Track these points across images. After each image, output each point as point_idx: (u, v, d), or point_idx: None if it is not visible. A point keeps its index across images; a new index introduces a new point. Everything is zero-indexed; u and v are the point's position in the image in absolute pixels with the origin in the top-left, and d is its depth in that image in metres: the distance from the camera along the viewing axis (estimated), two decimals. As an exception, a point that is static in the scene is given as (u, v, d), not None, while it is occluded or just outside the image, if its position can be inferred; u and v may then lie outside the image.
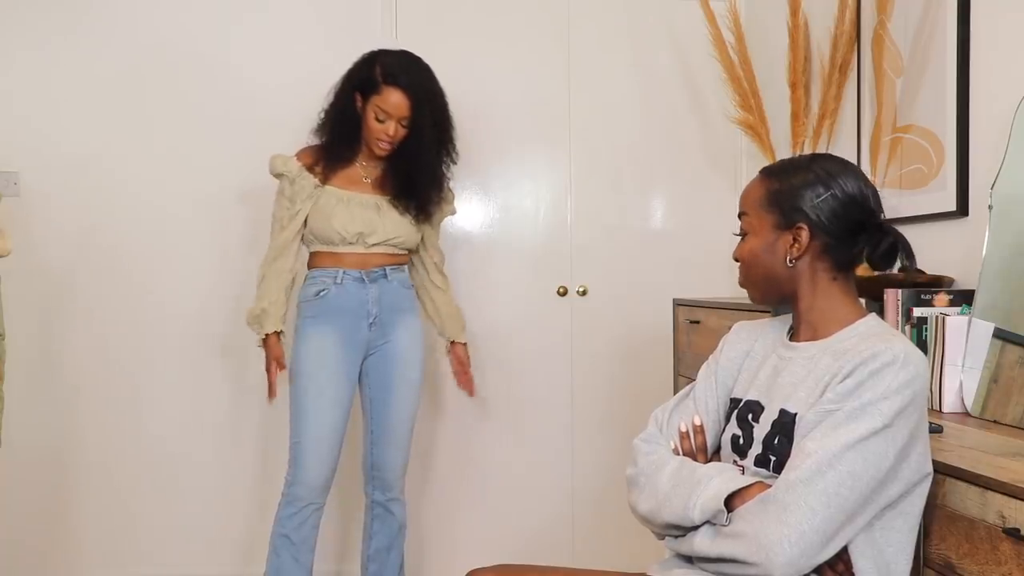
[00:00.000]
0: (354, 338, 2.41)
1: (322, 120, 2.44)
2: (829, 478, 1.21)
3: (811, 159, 1.42)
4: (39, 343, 2.80)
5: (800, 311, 1.42)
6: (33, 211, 2.78)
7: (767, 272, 1.42)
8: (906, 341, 1.32)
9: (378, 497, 2.51)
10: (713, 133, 3.07)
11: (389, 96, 2.34)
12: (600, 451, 3.07)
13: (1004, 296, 1.78)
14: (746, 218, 1.45)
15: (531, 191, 3.09)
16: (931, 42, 2.17)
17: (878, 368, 1.25)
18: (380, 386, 2.47)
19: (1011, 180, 1.82)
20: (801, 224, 1.37)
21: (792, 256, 1.38)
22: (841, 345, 1.34)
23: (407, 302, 2.50)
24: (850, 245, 1.37)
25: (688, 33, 2.99)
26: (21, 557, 2.80)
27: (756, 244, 1.42)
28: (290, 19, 2.93)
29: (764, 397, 1.41)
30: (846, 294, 1.40)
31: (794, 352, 1.40)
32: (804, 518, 1.20)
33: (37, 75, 2.80)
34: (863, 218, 1.37)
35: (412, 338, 2.49)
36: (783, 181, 1.40)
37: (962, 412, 1.83)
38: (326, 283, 2.39)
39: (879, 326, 1.37)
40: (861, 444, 1.22)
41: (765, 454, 1.36)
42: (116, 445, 2.86)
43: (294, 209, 2.38)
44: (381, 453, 2.48)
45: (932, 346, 1.91)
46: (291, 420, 2.38)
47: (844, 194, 1.36)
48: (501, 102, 3.00)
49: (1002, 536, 1.25)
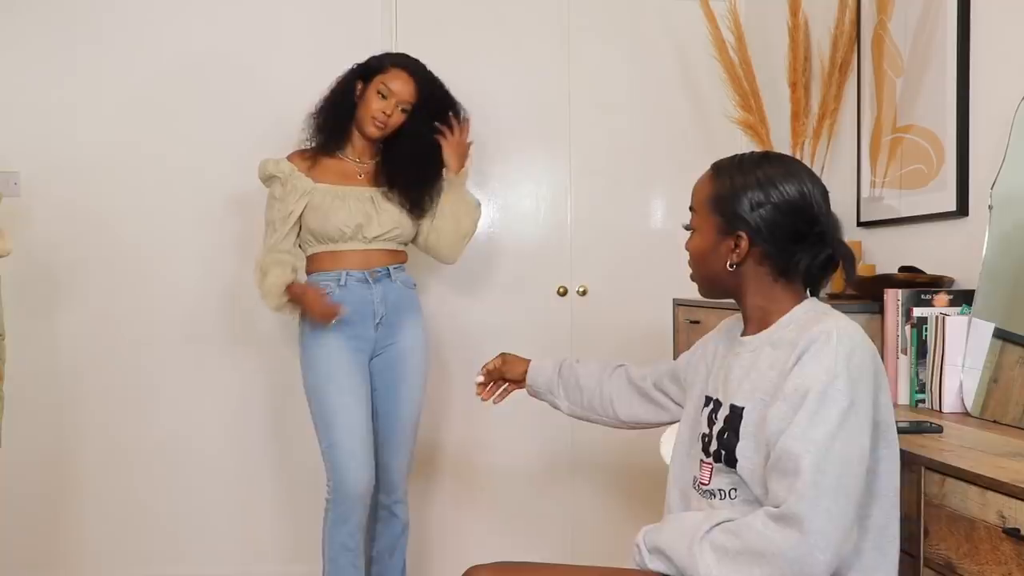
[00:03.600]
0: (362, 339, 2.39)
1: (318, 107, 2.43)
2: (830, 473, 1.21)
3: (759, 160, 1.42)
4: (39, 343, 2.80)
5: (744, 308, 1.46)
6: (33, 211, 2.78)
7: (711, 272, 1.45)
8: (839, 318, 1.34)
9: (382, 499, 2.49)
10: (713, 133, 3.07)
11: (396, 76, 2.37)
12: (600, 450, 3.07)
13: (1004, 296, 1.78)
14: (694, 215, 1.48)
15: (531, 191, 3.09)
16: (931, 42, 2.17)
17: (817, 350, 1.27)
18: (385, 388, 2.45)
19: (1011, 180, 1.82)
20: (741, 232, 1.39)
21: (732, 261, 1.41)
22: (779, 334, 1.38)
23: (411, 302, 2.49)
24: (789, 254, 1.39)
25: (688, 33, 2.99)
26: (21, 557, 2.80)
27: (701, 244, 1.45)
28: (289, 22, 2.93)
29: (721, 394, 1.45)
30: (788, 291, 1.42)
31: (742, 347, 1.44)
32: (824, 521, 1.20)
33: (37, 75, 2.80)
34: (804, 228, 1.38)
35: (416, 339, 2.48)
36: (728, 185, 1.41)
37: (962, 412, 1.83)
38: (329, 286, 2.36)
39: (813, 309, 1.40)
40: (840, 430, 1.23)
41: (719, 448, 1.39)
42: (117, 445, 2.85)
43: (287, 209, 2.35)
44: (385, 455, 2.46)
45: (932, 346, 1.91)
46: (317, 427, 2.35)
47: (785, 203, 1.37)
48: (501, 102, 3.00)
49: (1002, 536, 1.25)
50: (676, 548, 1.32)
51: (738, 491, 1.37)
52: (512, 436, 3.06)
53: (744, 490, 1.36)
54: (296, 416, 2.71)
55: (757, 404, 1.34)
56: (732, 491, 1.38)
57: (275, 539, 2.95)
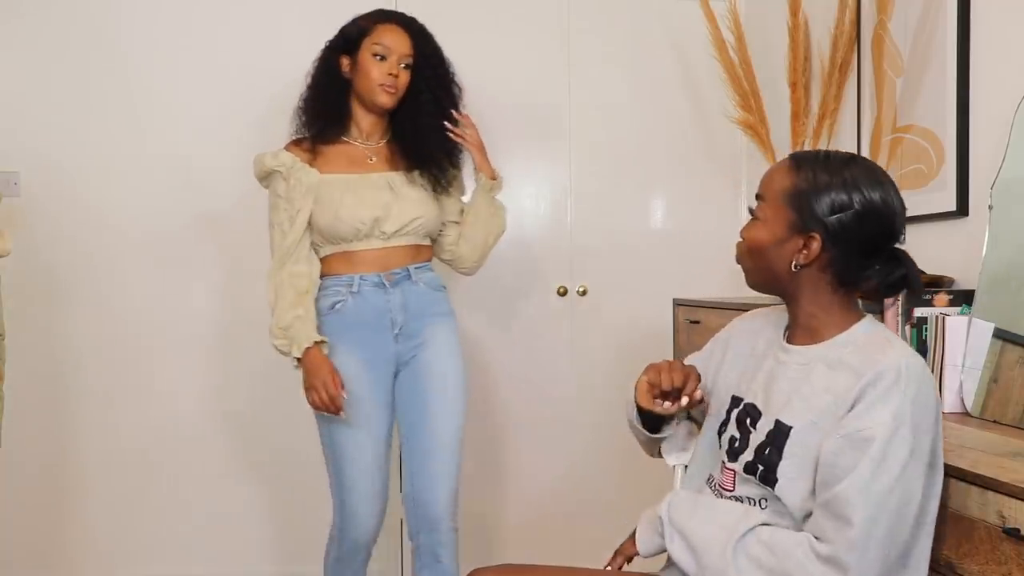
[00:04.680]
0: (380, 355, 2.09)
1: (303, 100, 2.17)
2: (882, 524, 1.19)
3: (847, 161, 1.32)
4: (39, 343, 2.79)
5: (797, 315, 1.38)
6: (33, 211, 2.78)
7: (769, 268, 1.36)
8: (904, 348, 1.28)
9: (423, 541, 2.11)
10: (713, 133, 3.07)
11: (384, 31, 2.09)
12: (600, 450, 3.07)
13: (1004, 296, 1.78)
14: (763, 204, 1.36)
15: (531, 191, 3.09)
16: (931, 42, 2.17)
17: (885, 391, 1.21)
18: (413, 407, 2.12)
19: (1011, 180, 1.82)
20: (815, 233, 1.29)
21: (798, 262, 1.32)
22: (837, 353, 1.31)
23: (438, 305, 2.17)
24: (860, 267, 1.31)
25: (688, 33, 2.98)
26: (21, 557, 2.80)
27: (765, 236, 1.34)
28: (290, 22, 2.92)
29: (762, 404, 1.38)
30: (846, 304, 1.35)
31: (789, 356, 1.37)
32: (867, 569, 1.19)
33: (37, 75, 2.80)
34: (880, 242, 1.31)
35: (446, 347, 2.15)
36: (811, 180, 1.31)
37: (962, 412, 1.83)
38: (341, 293, 2.08)
39: (875, 331, 1.33)
40: (898, 482, 1.20)
41: (755, 462, 1.33)
42: (117, 444, 2.85)
43: (294, 208, 2.06)
44: (420, 486, 2.09)
45: (932, 346, 1.91)
46: (325, 456, 2.12)
47: (869, 211, 1.28)
48: (501, 102, 3.00)
49: (1002, 536, 1.25)
50: (705, 541, 1.27)
51: (768, 503, 1.32)
52: (512, 436, 3.06)
53: (776, 503, 1.31)
54: (297, 416, 2.71)
55: (808, 427, 1.27)
56: (763, 501, 1.33)
57: (276, 539, 2.95)
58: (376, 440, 2.07)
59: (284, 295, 2.04)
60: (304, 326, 2.02)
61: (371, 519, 2.07)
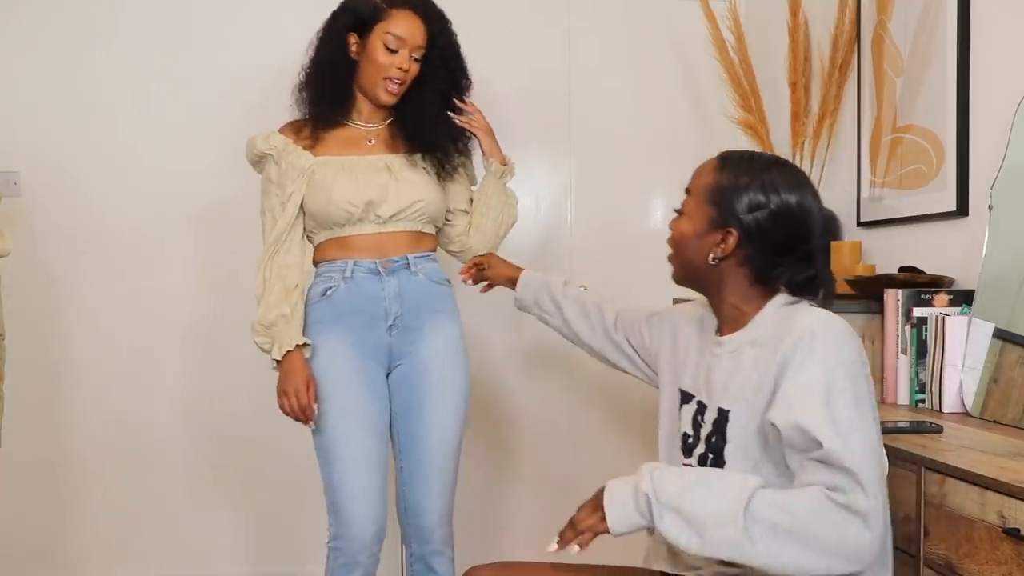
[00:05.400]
0: (372, 345, 1.97)
1: (306, 75, 2.04)
2: (876, 464, 1.22)
3: (768, 164, 1.40)
4: (39, 343, 2.79)
5: (720, 307, 1.44)
6: (33, 211, 2.78)
7: (690, 260, 1.44)
8: (817, 312, 1.32)
9: (415, 550, 2.02)
10: (713, 133, 3.07)
11: (400, 19, 1.95)
12: (599, 449, 3.07)
13: (1004, 296, 1.78)
14: (688, 199, 1.45)
15: (531, 191, 3.08)
16: (931, 42, 2.17)
17: (806, 351, 1.25)
18: (408, 409, 1.99)
19: (1011, 180, 1.82)
20: (732, 229, 1.37)
21: (716, 255, 1.39)
22: (756, 333, 1.37)
23: (440, 301, 2.04)
24: (774, 265, 1.38)
25: (688, 33, 2.98)
26: (21, 557, 2.80)
27: (687, 229, 1.43)
28: (290, 22, 2.92)
29: (705, 396, 1.43)
30: (762, 295, 1.40)
31: (721, 348, 1.43)
32: (882, 512, 1.21)
33: (37, 75, 2.79)
34: (793, 243, 1.37)
35: (448, 346, 2.02)
36: (732, 178, 1.38)
37: (962, 412, 1.83)
38: (334, 279, 1.97)
39: (788, 305, 1.38)
40: (862, 419, 1.23)
41: (706, 452, 1.39)
42: (116, 444, 2.85)
43: (286, 193, 1.95)
44: (414, 495, 1.99)
45: (932, 346, 1.91)
46: (318, 459, 1.96)
47: (783, 212, 1.35)
48: (500, 102, 2.99)
49: (1002, 536, 1.25)
50: (709, 515, 1.21)
51: None
52: (511, 435, 3.06)
53: None
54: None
55: (745, 407, 1.33)
56: None
57: (277, 539, 2.94)
58: (367, 431, 1.92)
59: (271, 288, 1.94)
60: (288, 327, 1.92)
61: (369, 523, 1.90)
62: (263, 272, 1.97)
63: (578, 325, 1.92)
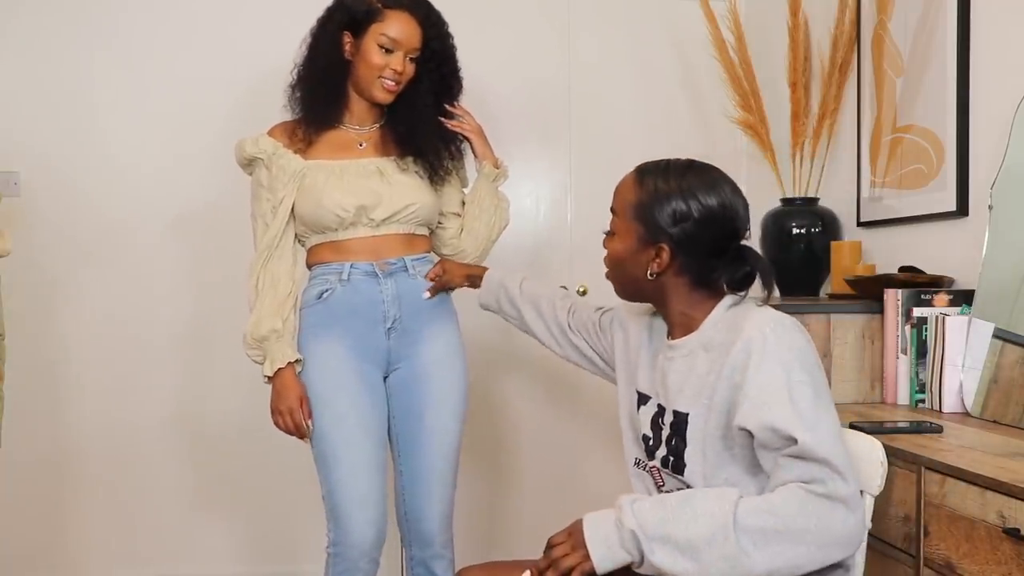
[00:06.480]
0: (370, 348, 1.94)
1: (299, 74, 2.01)
2: (841, 449, 1.23)
3: (684, 170, 1.41)
4: (39, 343, 2.79)
5: (669, 315, 1.45)
6: (33, 211, 2.78)
7: (630, 278, 1.45)
8: (764, 311, 1.33)
9: (415, 553, 2.01)
10: (713, 133, 3.07)
11: (395, 20, 1.92)
12: (599, 448, 3.07)
13: (1004, 296, 1.78)
14: (615, 218, 1.47)
15: (531, 191, 3.09)
16: (931, 42, 2.17)
17: (759, 352, 1.27)
18: (407, 413, 1.96)
19: (1011, 180, 1.82)
20: (663, 244, 1.38)
21: (653, 271, 1.40)
22: (708, 335, 1.38)
23: (439, 304, 2.02)
24: (711, 268, 1.39)
25: (688, 33, 2.98)
26: (21, 557, 2.80)
27: (621, 249, 1.45)
28: (290, 22, 2.92)
29: (663, 400, 1.44)
30: (708, 297, 1.41)
31: (674, 351, 1.43)
32: (858, 496, 1.23)
33: (37, 75, 2.80)
34: (724, 243, 1.38)
35: (447, 350, 2.00)
36: (652, 193, 1.40)
37: (962, 412, 1.83)
38: (330, 281, 1.94)
39: (736, 307, 1.39)
40: (827, 412, 1.25)
41: (667, 455, 1.40)
42: (116, 444, 2.85)
43: (277, 198, 1.93)
44: (413, 501, 1.97)
45: (932, 346, 1.91)
46: (317, 464, 1.93)
47: (707, 216, 1.36)
48: (501, 102, 3.00)
49: (1002, 536, 1.25)
50: (700, 539, 1.20)
51: None
52: (511, 435, 3.06)
53: None
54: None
55: (702, 411, 1.34)
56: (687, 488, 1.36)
57: (276, 539, 2.94)
58: (366, 434, 1.89)
59: (263, 298, 1.91)
60: (279, 343, 1.89)
61: (368, 528, 1.86)
62: (254, 278, 1.95)
63: (537, 328, 1.91)
